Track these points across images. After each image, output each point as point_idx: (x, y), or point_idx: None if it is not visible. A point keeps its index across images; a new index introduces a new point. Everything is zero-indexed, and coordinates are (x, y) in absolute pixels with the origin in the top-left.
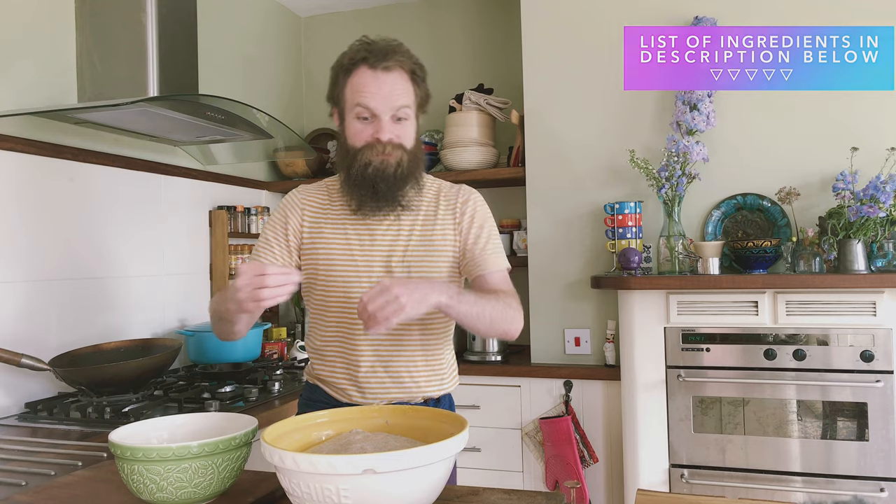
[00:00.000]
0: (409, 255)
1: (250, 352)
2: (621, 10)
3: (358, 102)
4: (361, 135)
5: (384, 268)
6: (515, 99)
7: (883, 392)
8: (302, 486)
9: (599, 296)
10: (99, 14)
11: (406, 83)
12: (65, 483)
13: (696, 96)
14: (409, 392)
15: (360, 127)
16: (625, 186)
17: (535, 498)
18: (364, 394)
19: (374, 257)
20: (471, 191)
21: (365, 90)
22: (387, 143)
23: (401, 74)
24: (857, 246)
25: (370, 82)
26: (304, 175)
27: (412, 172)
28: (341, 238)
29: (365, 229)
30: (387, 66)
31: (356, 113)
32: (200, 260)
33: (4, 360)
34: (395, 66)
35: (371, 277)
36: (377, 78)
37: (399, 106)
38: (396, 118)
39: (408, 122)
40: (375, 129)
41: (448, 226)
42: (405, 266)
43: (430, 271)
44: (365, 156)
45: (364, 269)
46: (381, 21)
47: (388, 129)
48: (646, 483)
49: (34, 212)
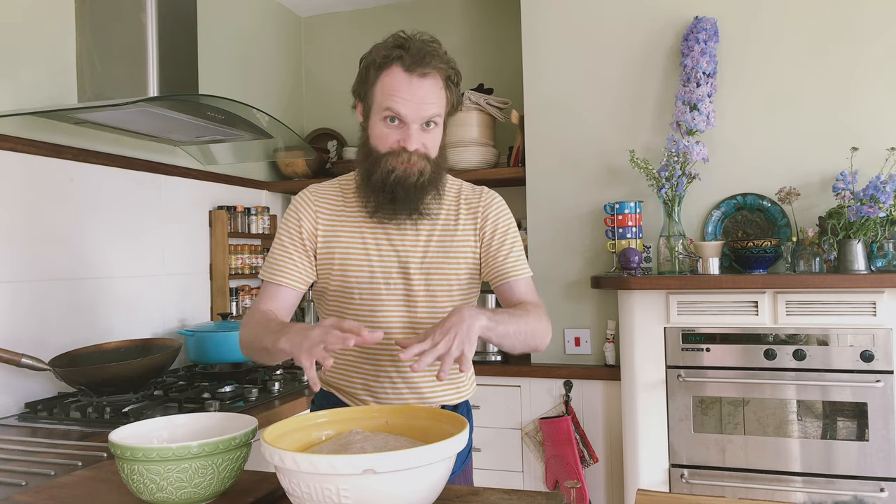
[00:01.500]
0: (427, 261)
1: None
2: (621, 9)
3: (389, 107)
4: (387, 140)
5: (402, 274)
6: (515, 99)
7: (883, 392)
8: (302, 486)
9: (599, 296)
10: (99, 14)
11: (440, 91)
12: (65, 483)
13: (696, 96)
14: (426, 400)
15: (386, 131)
16: (625, 186)
17: (535, 498)
18: (380, 402)
19: (391, 263)
20: (493, 195)
21: (396, 94)
22: (413, 152)
23: (436, 81)
24: (857, 246)
25: (403, 87)
26: (304, 175)
27: (433, 182)
28: (358, 242)
29: (382, 233)
30: (424, 72)
31: (384, 115)
32: (200, 260)
33: (4, 360)
34: (432, 72)
35: (389, 284)
36: (411, 83)
37: (430, 116)
38: (425, 125)
39: (437, 129)
40: (403, 137)
41: (469, 231)
42: (424, 272)
43: (450, 278)
44: (389, 162)
45: (381, 275)
46: (380, 21)
47: (415, 139)
48: (646, 483)
49: (34, 212)
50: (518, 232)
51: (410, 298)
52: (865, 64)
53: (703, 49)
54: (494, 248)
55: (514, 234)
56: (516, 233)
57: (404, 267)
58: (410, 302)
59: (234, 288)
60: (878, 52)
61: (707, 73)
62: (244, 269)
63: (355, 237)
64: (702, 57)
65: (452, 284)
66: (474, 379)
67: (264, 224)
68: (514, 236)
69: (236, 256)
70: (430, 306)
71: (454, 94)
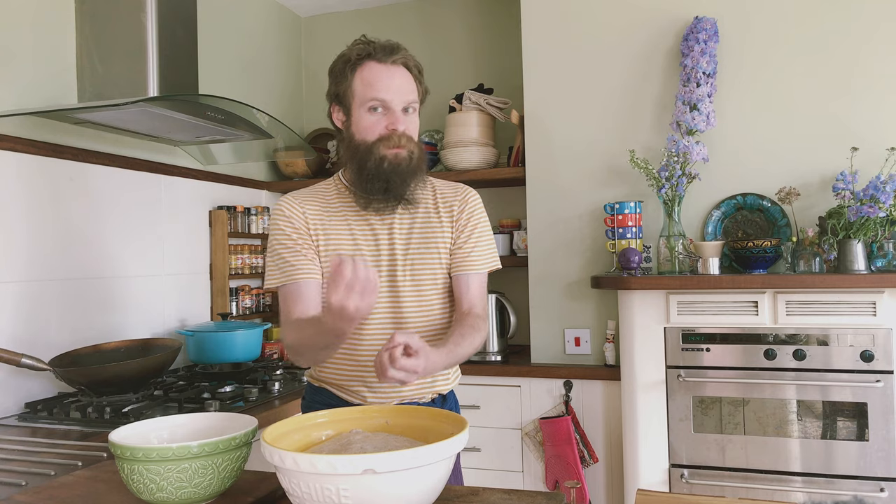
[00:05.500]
0: (411, 252)
1: (250, 352)
2: (621, 10)
3: (373, 96)
4: (375, 127)
5: (389, 265)
6: (515, 99)
7: (883, 392)
8: (302, 486)
9: (599, 296)
10: (99, 14)
11: (412, 79)
12: (65, 483)
13: (696, 96)
14: (420, 389)
15: (373, 119)
16: (625, 186)
17: (535, 498)
18: (376, 392)
19: (380, 256)
20: (469, 189)
21: (377, 83)
22: (402, 134)
23: (407, 70)
24: (857, 246)
25: (382, 75)
26: (304, 175)
27: (420, 166)
28: (347, 237)
29: (368, 227)
30: (395, 59)
31: (369, 106)
32: (200, 260)
33: (4, 360)
34: (402, 61)
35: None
36: (388, 70)
37: (410, 100)
38: (405, 111)
39: (415, 115)
40: (390, 121)
41: (446, 223)
42: (409, 263)
43: (434, 268)
44: (380, 150)
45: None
46: (381, 21)
47: (401, 121)
48: (646, 483)
49: (34, 212)
50: (490, 228)
51: (397, 288)
52: (866, 64)
53: (703, 49)
54: (463, 239)
55: (484, 228)
56: (488, 228)
57: (391, 258)
58: (397, 292)
59: (234, 288)
60: (879, 51)
61: (707, 73)
62: (244, 269)
63: (344, 232)
64: (702, 57)
65: (437, 274)
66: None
67: (264, 224)
68: (484, 230)
69: (236, 256)
70: (416, 296)
71: (422, 87)
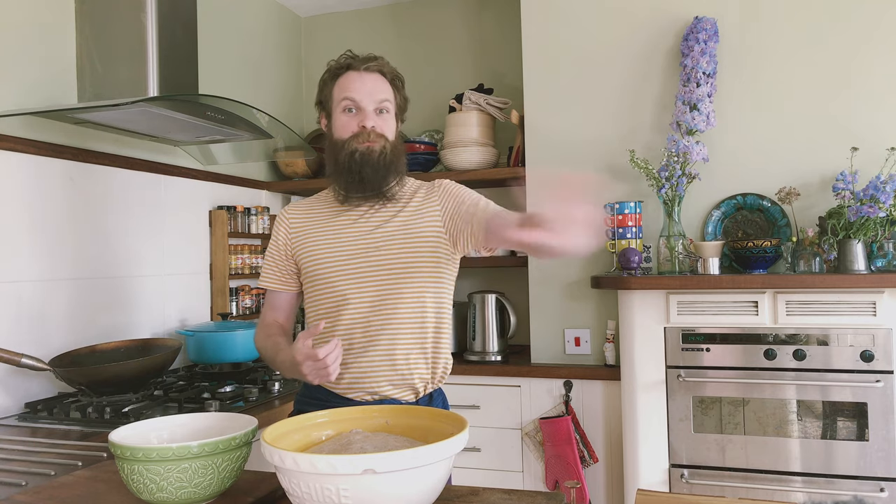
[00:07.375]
0: (389, 243)
1: (250, 352)
2: (621, 9)
3: (345, 97)
4: (348, 126)
5: (364, 257)
6: (515, 99)
7: (883, 392)
8: (302, 486)
9: (599, 296)
10: (99, 14)
11: (386, 84)
12: (65, 483)
13: (696, 96)
14: (401, 374)
15: (346, 119)
16: (625, 186)
17: (535, 498)
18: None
19: (357, 247)
20: (448, 181)
21: (350, 86)
22: (371, 130)
23: (382, 76)
24: (857, 246)
25: (356, 80)
26: (305, 175)
27: (394, 162)
28: (322, 234)
29: (348, 222)
30: (368, 66)
31: (343, 107)
32: (200, 260)
33: (4, 360)
34: (377, 68)
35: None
36: (361, 76)
37: (381, 99)
38: (378, 111)
39: (389, 115)
40: (360, 119)
41: (434, 213)
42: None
43: (409, 257)
44: (351, 145)
45: (346, 258)
46: (381, 21)
47: (371, 118)
48: (646, 483)
49: (34, 212)
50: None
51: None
52: (866, 64)
53: (703, 49)
54: (465, 208)
55: (472, 192)
56: (477, 194)
57: (366, 249)
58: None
59: (234, 288)
60: (879, 51)
61: (707, 73)
62: (244, 269)
63: (321, 230)
64: (702, 57)
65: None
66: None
67: (264, 224)
68: (473, 193)
69: (236, 256)
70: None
71: (400, 95)
